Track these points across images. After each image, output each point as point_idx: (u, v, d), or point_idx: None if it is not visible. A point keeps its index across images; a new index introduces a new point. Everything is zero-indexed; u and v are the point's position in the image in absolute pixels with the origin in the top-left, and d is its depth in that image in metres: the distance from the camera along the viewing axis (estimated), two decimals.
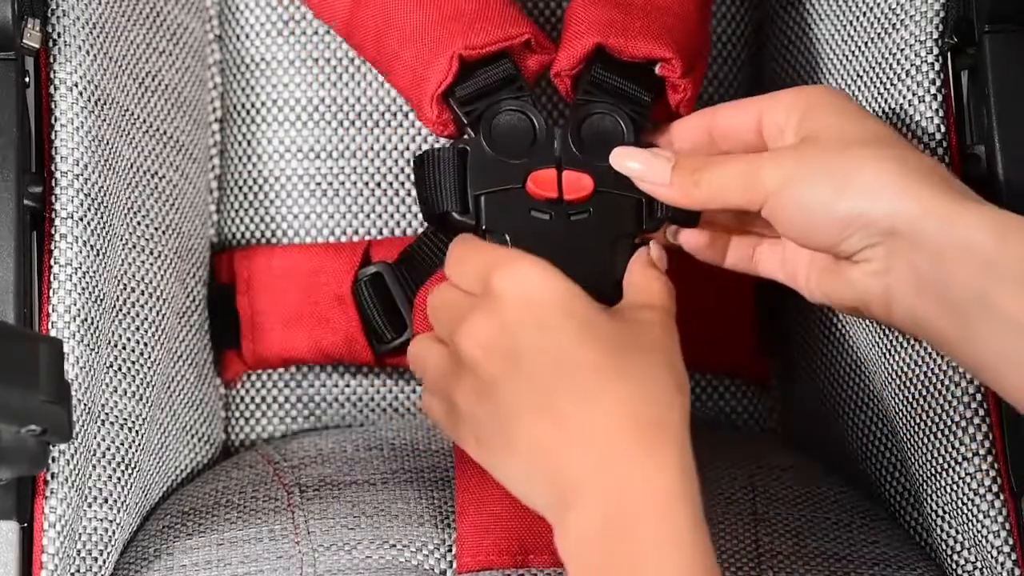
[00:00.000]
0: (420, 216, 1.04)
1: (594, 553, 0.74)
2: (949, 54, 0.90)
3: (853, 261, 0.81)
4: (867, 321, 0.96)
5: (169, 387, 0.97)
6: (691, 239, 0.89)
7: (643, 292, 0.83)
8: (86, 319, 0.87)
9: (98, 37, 0.91)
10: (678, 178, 0.84)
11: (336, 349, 1.01)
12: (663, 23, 0.90)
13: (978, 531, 0.87)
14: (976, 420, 0.88)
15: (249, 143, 1.05)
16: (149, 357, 0.94)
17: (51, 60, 0.89)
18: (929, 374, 0.90)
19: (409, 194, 1.04)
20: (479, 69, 0.91)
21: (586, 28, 0.90)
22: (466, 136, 0.91)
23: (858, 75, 0.95)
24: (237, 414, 1.05)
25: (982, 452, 0.87)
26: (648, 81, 0.91)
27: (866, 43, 0.95)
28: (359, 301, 0.99)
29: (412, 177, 1.03)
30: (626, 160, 0.86)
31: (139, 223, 0.94)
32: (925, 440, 0.91)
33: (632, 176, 0.86)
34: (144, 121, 0.96)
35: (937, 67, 0.90)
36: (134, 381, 0.92)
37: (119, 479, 0.90)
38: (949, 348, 0.79)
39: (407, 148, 1.04)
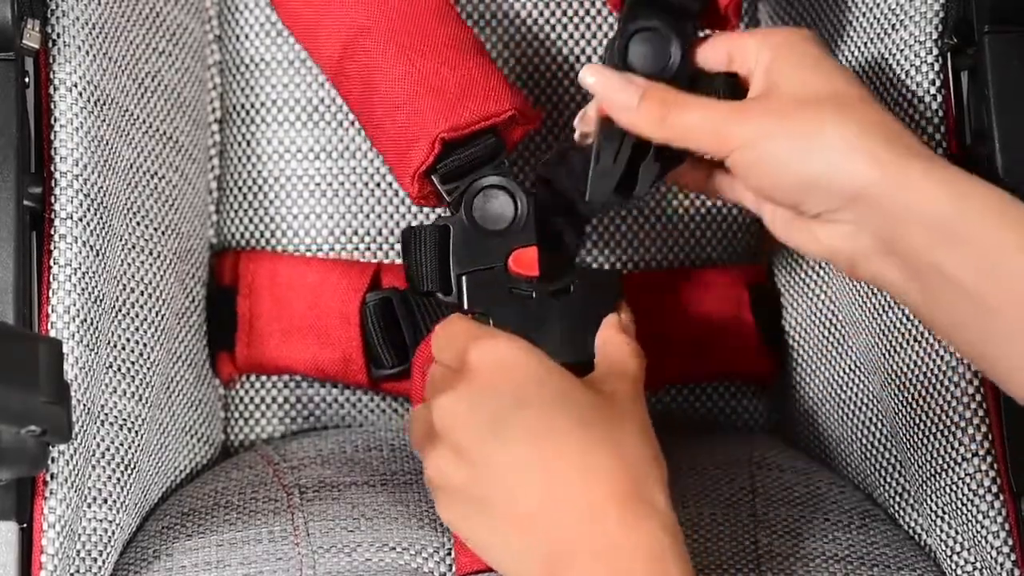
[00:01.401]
0: (419, 217, 1.04)
1: None
2: (949, 54, 0.90)
3: (819, 221, 0.81)
4: (867, 322, 0.96)
5: (168, 387, 0.97)
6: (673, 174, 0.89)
7: (614, 360, 0.84)
8: (86, 320, 0.87)
9: (98, 37, 0.91)
10: (646, 108, 0.83)
11: (332, 366, 1.00)
12: None
13: (978, 531, 0.87)
14: (976, 420, 0.88)
15: (249, 143, 1.05)
16: (148, 358, 0.94)
17: (51, 60, 0.89)
18: (929, 374, 0.90)
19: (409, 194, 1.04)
20: (462, 147, 0.92)
21: None
22: (448, 213, 0.93)
23: (858, 75, 0.95)
24: (236, 415, 1.05)
25: (982, 452, 0.87)
26: None
27: (866, 43, 0.95)
28: (364, 323, 0.99)
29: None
30: (591, 76, 0.85)
31: (139, 224, 0.94)
32: (925, 440, 0.91)
33: (597, 94, 0.85)
34: (144, 121, 0.96)
35: (937, 67, 0.90)
36: (133, 382, 0.92)
37: (119, 480, 0.90)
38: (913, 310, 0.80)
39: None
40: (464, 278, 0.91)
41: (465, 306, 0.90)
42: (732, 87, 0.86)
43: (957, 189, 0.77)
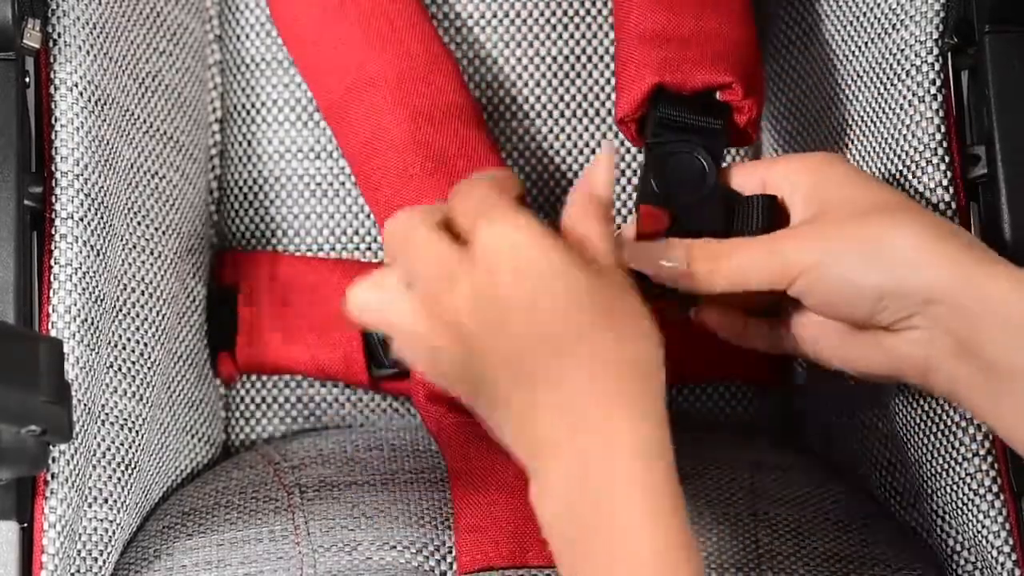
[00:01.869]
0: None
1: (563, 504, 0.72)
2: (949, 54, 0.90)
3: (891, 331, 0.80)
4: None
5: (169, 387, 0.97)
6: (706, 317, 0.88)
7: (594, 250, 0.79)
8: (86, 319, 0.87)
9: (98, 37, 0.91)
10: (696, 268, 0.83)
11: (333, 366, 1.00)
12: (716, 49, 0.90)
13: (978, 531, 0.87)
14: (976, 421, 0.88)
15: (249, 143, 1.05)
16: (149, 357, 0.94)
17: (51, 60, 0.89)
18: None
19: None
20: None
21: (641, 69, 0.90)
22: None
23: (858, 75, 0.95)
24: (237, 414, 1.05)
25: (982, 452, 0.87)
26: (713, 108, 0.90)
27: (866, 43, 0.95)
28: None
29: None
30: (635, 259, 0.84)
31: (139, 223, 0.94)
32: (925, 440, 0.91)
33: (646, 271, 0.84)
34: (144, 121, 0.96)
35: (937, 67, 0.90)
36: (134, 381, 0.92)
37: (119, 479, 0.90)
38: (982, 414, 0.80)
39: None
40: None
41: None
42: (769, 207, 0.86)
43: None
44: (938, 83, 0.90)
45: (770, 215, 0.86)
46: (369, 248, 1.03)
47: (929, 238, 0.78)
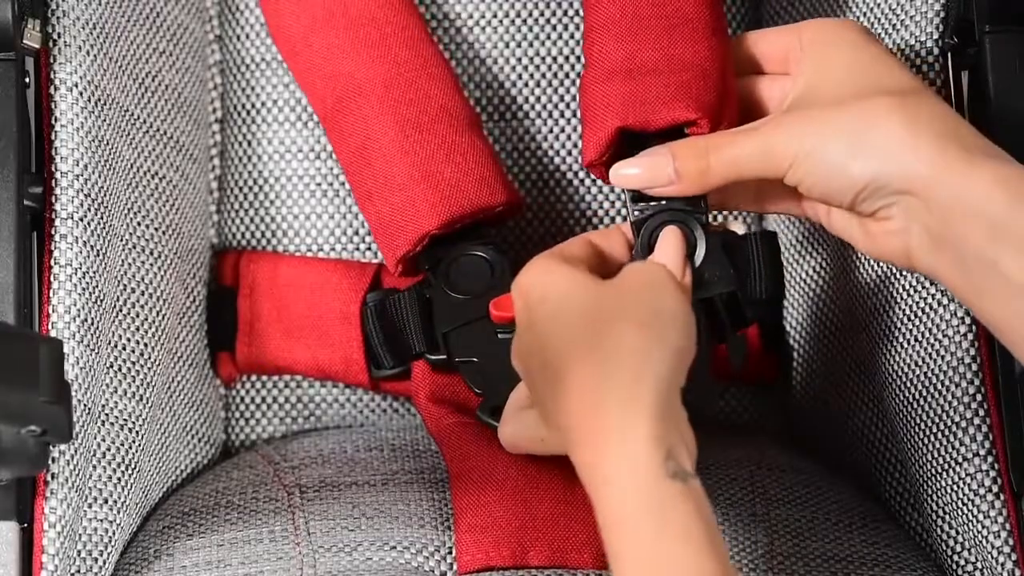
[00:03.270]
0: None
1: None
2: (949, 54, 0.90)
3: (873, 219, 0.81)
4: (868, 322, 0.96)
5: (169, 387, 0.97)
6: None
7: (658, 256, 0.85)
8: (86, 319, 0.87)
9: (98, 37, 0.91)
10: (684, 169, 0.84)
11: (333, 367, 1.00)
12: (680, 81, 0.88)
13: (978, 531, 0.87)
14: (976, 421, 0.88)
15: (249, 143, 1.05)
16: (149, 357, 0.94)
17: (51, 60, 0.89)
18: (929, 374, 0.90)
19: None
20: (448, 234, 0.95)
21: (604, 111, 0.89)
22: (426, 279, 0.95)
23: None
24: (237, 415, 1.05)
25: (982, 453, 0.87)
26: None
27: None
28: (364, 323, 0.99)
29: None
30: (624, 171, 0.86)
31: (139, 223, 0.94)
32: (925, 440, 0.91)
33: (637, 186, 0.86)
34: (144, 121, 0.96)
35: (937, 67, 0.90)
36: (134, 382, 0.92)
37: (119, 480, 0.90)
38: (967, 304, 0.80)
39: None
40: (448, 336, 0.94)
41: (454, 358, 0.93)
42: (771, 243, 0.88)
43: (1014, 188, 0.76)
44: (938, 83, 0.90)
45: (771, 252, 0.88)
46: (369, 248, 1.03)
47: (913, 130, 0.78)
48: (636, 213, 0.87)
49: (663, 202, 0.87)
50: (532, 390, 0.83)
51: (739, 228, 0.89)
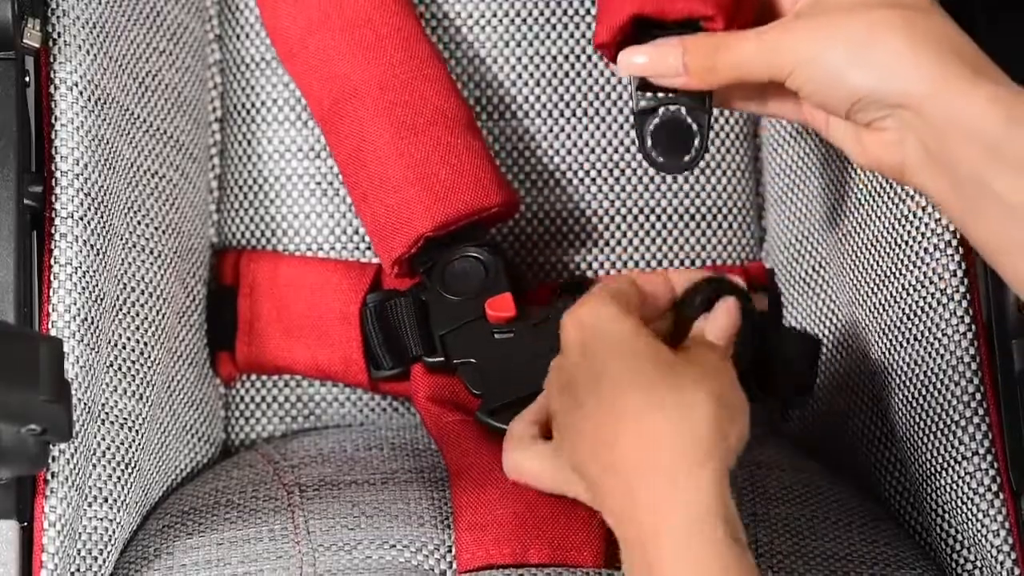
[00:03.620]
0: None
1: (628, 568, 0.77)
2: None
3: (869, 129, 0.81)
4: (868, 321, 0.96)
5: (169, 386, 0.97)
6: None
7: (716, 331, 0.84)
8: (86, 319, 0.87)
9: (98, 37, 0.91)
10: (693, 64, 0.84)
11: (332, 367, 1.00)
12: None
13: (978, 530, 0.87)
14: (976, 420, 0.88)
15: (249, 143, 1.05)
16: (149, 357, 0.94)
17: (51, 60, 0.89)
18: (928, 373, 0.90)
19: None
20: (443, 235, 0.95)
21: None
22: (423, 282, 0.96)
23: None
24: (237, 413, 1.05)
25: (982, 451, 0.87)
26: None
27: None
28: (364, 324, 0.99)
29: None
30: (633, 58, 0.86)
31: (139, 223, 0.94)
32: (925, 440, 0.91)
33: (643, 73, 0.86)
34: (144, 121, 0.96)
35: None
36: (134, 381, 0.92)
37: (119, 478, 0.90)
38: (956, 223, 0.80)
39: None
40: (445, 338, 0.94)
41: (452, 360, 0.94)
42: (814, 350, 0.91)
43: (1011, 107, 0.76)
44: None
45: (813, 355, 0.91)
46: (369, 248, 1.03)
47: (915, 44, 0.78)
48: (641, 103, 0.87)
49: (669, 95, 0.87)
50: (565, 418, 0.82)
51: (760, 301, 0.89)
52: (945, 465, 0.89)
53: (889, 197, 0.94)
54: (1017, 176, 0.75)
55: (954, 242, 0.89)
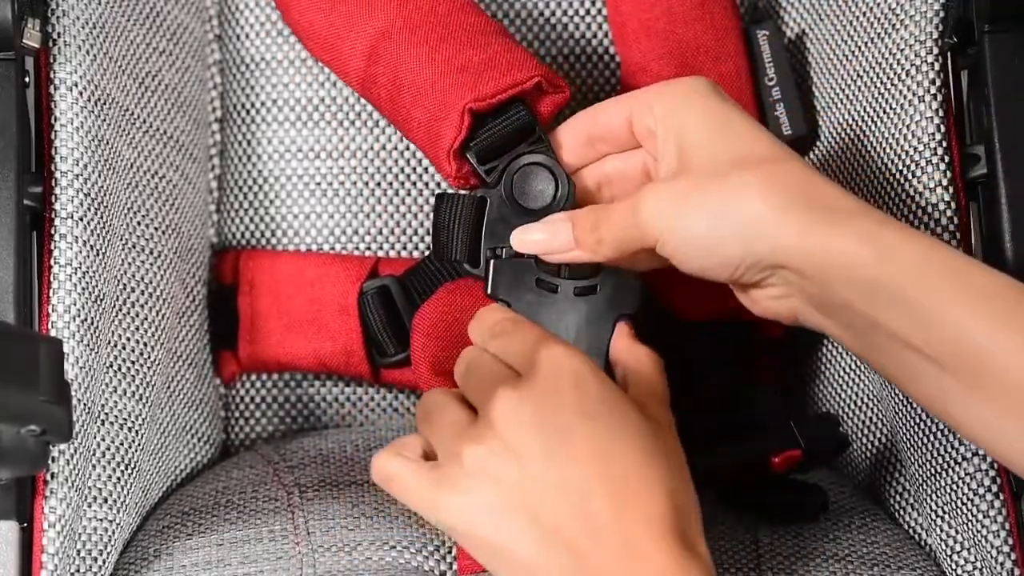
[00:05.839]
0: (419, 217, 1.04)
1: None
2: (949, 54, 0.90)
3: (756, 287, 0.81)
4: None
5: (169, 387, 0.97)
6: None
7: (641, 376, 0.83)
8: (86, 319, 0.87)
9: (98, 37, 0.91)
10: (581, 238, 0.84)
11: (334, 359, 1.00)
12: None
13: (978, 531, 0.87)
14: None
15: (249, 143, 1.05)
16: (149, 357, 0.94)
17: (51, 60, 0.89)
18: None
19: (409, 194, 1.04)
20: (493, 120, 0.90)
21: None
22: (483, 185, 0.91)
23: (858, 75, 0.95)
24: (237, 414, 1.05)
25: (981, 452, 0.87)
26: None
27: (866, 43, 0.95)
28: (363, 313, 0.99)
29: (413, 174, 1.03)
30: (526, 236, 0.86)
31: (139, 223, 0.94)
32: (925, 440, 0.91)
33: (537, 252, 0.86)
34: (144, 121, 0.96)
35: (937, 67, 0.90)
36: (134, 381, 0.92)
37: (119, 479, 0.90)
38: (859, 357, 0.81)
39: (407, 148, 1.04)
40: (493, 262, 0.89)
41: (488, 290, 0.89)
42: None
43: (879, 243, 0.76)
44: (938, 83, 0.90)
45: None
46: (368, 248, 1.03)
47: (777, 202, 0.78)
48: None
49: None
50: (507, 455, 0.77)
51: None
52: (945, 466, 0.89)
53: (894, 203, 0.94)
54: (900, 312, 0.76)
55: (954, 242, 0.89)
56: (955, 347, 0.75)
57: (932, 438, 0.90)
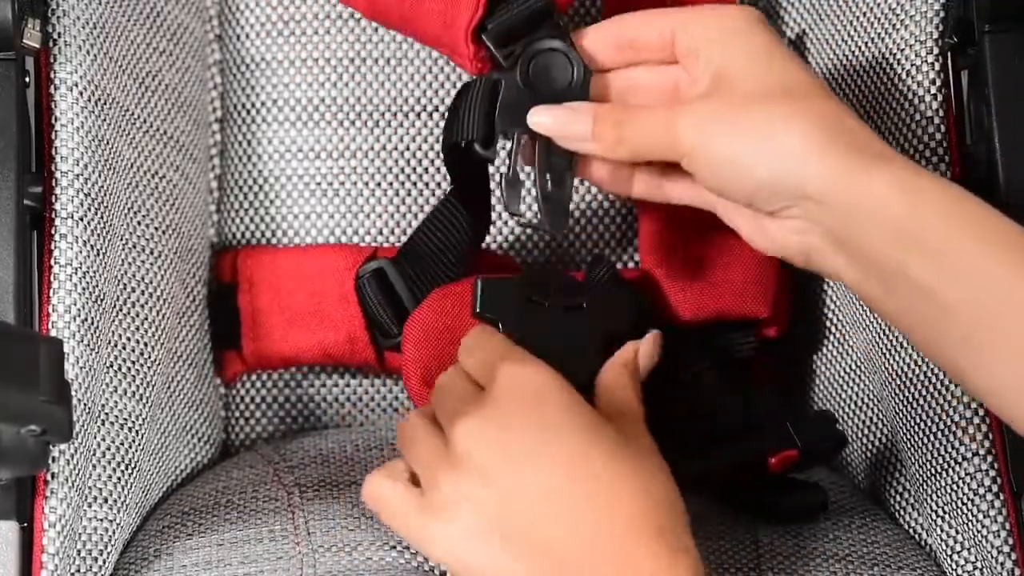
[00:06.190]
0: (419, 216, 1.04)
1: None
2: (949, 54, 0.90)
3: (772, 217, 0.81)
4: (868, 322, 0.96)
5: (169, 387, 0.97)
6: (593, 172, 0.87)
7: (620, 403, 0.83)
8: (86, 319, 0.87)
9: (98, 37, 0.91)
10: (600, 132, 0.83)
11: (338, 348, 1.00)
12: None
13: (978, 531, 0.87)
14: (976, 420, 0.88)
15: (249, 143, 1.05)
16: (149, 357, 0.94)
17: (51, 60, 0.89)
18: (929, 374, 0.90)
19: (409, 194, 1.04)
20: (509, 3, 0.89)
21: None
22: (498, 67, 0.90)
23: (858, 75, 0.95)
24: (237, 414, 1.05)
25: (982, 452, 0.87)
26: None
27: (866, 43, 0.95)
28: (362, 298, 0.99)
29: (413, 174, 1.03)
30: (543, 117, 0.85)
31: (139, 223, 0.94)
32: (925, 440, 0.91)
33: (551, 134, 0.85)
34: (144, 121, 0.96)
35: (937, 67, 0.90)
36: (134, 381, 0.92)
37: (119, 479, 0.90)
38: (870, 303, 0.80)
39: (407, 148, 1.04)
40: (480, 282, 0.89)
41: (477, 309, 0.89)
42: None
43: (910, 189, 0.77)
44: (938, 83, 0.90)
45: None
46: (368, 247, 1.03)
47: (816, 134, 0.78)
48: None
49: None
50: (474, 475, 0.78)
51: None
52: (945, 466, 0.89)
53: None
54: (925, 257, 0.76)
55: None
56: (977, 294, 0.75)
57: (932, 438, 0.90)
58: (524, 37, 0.89)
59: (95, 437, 0.89)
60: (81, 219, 0.88)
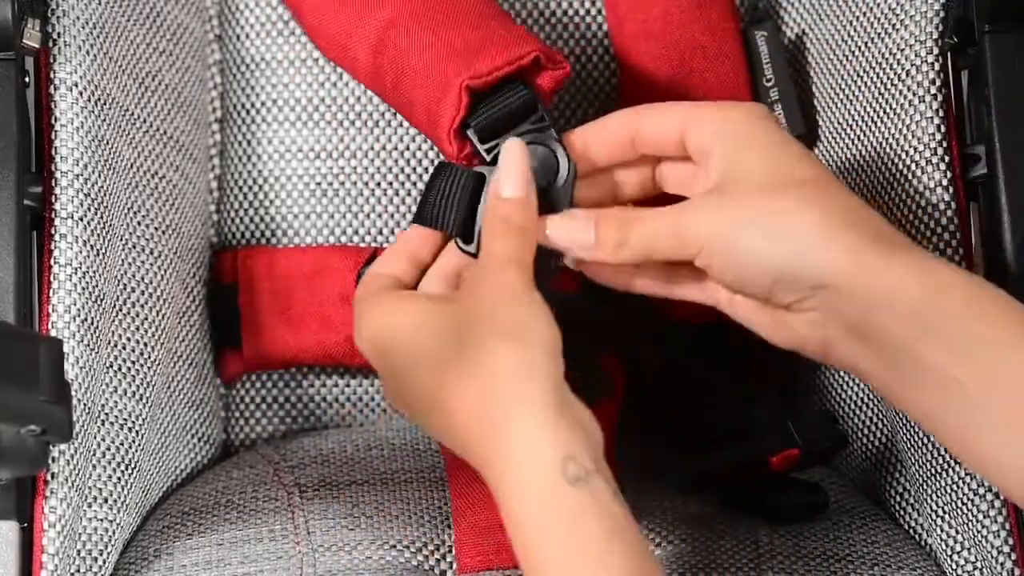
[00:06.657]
0: None
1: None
2: (949, 54, 0.90)
3: (788, 310, 0.80)
4: None
5: (169, 387, 0.97)
6: (593, 267, 0.86)
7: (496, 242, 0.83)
8: (86, 319, 0.87)
9: (98, 37, 0.91)
10: (603, 238, 0.83)
11: (338, 349, 1.00)
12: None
13: (978, 531, 0.87)
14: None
15: (249, 143, 1.05)
16: (149, 357, 0.94)
17: (51, 60, 0.89)
18: None
19: (409, 194, 1.04)
20: (492, 99, 0.89)
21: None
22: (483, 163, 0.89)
23: (858, 75, 0.95)
24: (237, 414, 1.05)
25: None
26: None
27: (866, 43, 0.95)
28: None
29: (413, 174, 1.03)
30: (549, 231, 0.84)
31: (139, 223, 0.94)
32: (925, 440, 0.91)
33: (555, 246, 0.84)
34: (144, 121, 0.96)
35: (937, 67, 0.90)
36: (134, 381, 0.92)
37: (119, 479, 0.90)
38: (885, 392, 0.79)
39: (407, 148, 1.04)
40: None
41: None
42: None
43: (929, 277, 0.77)
44: (938, 83, 0.90)
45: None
46: (368, 248, 1.03)
47: (829, 223, 0.78)
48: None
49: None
50: (416, 421, 0.82)
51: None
52: (945, 466, 0.89)
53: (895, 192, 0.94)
54: (943, 345, 0.76)
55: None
56: (999, 381, 0.75)
57: (932, 438, 0.90)
58: (509, 131, 0.88)
59: (95, 437, 0.89)
60: (81, 219, 0.88)
